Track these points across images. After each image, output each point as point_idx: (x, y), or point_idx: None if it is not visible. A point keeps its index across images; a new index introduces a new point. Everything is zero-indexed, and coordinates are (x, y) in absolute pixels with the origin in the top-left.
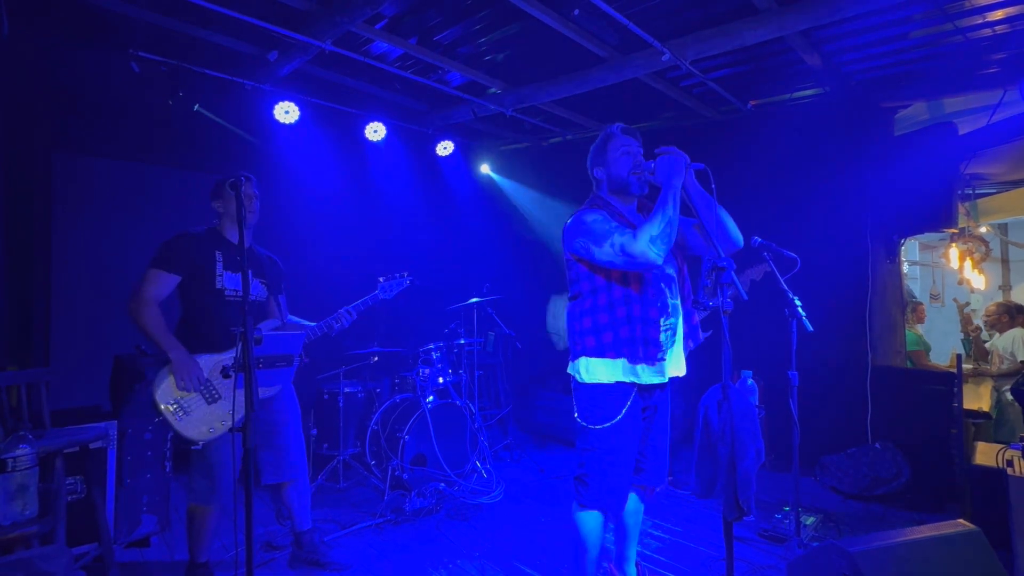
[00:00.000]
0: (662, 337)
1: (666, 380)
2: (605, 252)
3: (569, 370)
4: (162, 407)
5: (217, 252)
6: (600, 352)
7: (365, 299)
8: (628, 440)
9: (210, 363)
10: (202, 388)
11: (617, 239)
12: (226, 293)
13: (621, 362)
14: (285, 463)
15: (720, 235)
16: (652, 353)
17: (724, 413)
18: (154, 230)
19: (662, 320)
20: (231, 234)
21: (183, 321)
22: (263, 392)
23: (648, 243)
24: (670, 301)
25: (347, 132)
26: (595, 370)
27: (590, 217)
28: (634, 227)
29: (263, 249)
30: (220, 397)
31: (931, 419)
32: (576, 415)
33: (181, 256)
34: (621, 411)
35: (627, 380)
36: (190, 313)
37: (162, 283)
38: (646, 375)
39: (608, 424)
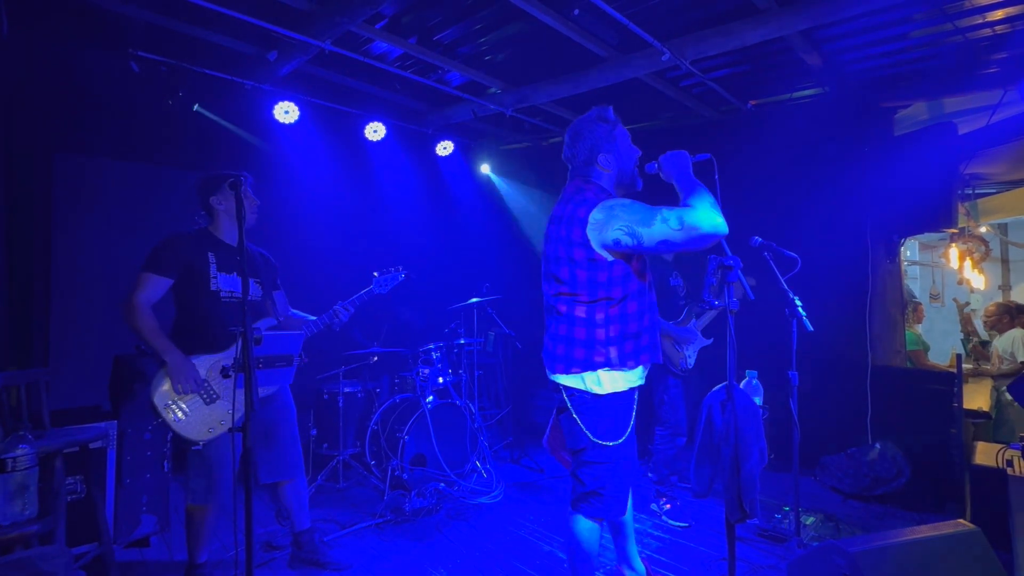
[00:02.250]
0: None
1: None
2: (658, 230)
3: (573, 383)
4: (160, 409)
5: (210, 254)
6: (622, 363)
7: (360, 294)
8: (635, 443)
9: (207, 364)
10: (200, 389)
11: (668, 212)
12: (221, 295)
13: (639, 369)
14: (282, 462)
15: None
16: (655, 358)
17: (728, 414)
18: (154, 230)
19: None
20: (226, 234)
21: (178, 322)
22: (262, 391)
23: (711, 208)
24: None
25: (347, 132)
26: (615, 381)
27: (621, 200)
28: None
29: (255, 246)
30: (219, 397)
31: (931, 419)
32: (588, 433)
33: (173, 259)
34: (632, 417)
35: (637, 384)
36: (185, 315)
37: (154, 286)
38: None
39: (624, 436)
